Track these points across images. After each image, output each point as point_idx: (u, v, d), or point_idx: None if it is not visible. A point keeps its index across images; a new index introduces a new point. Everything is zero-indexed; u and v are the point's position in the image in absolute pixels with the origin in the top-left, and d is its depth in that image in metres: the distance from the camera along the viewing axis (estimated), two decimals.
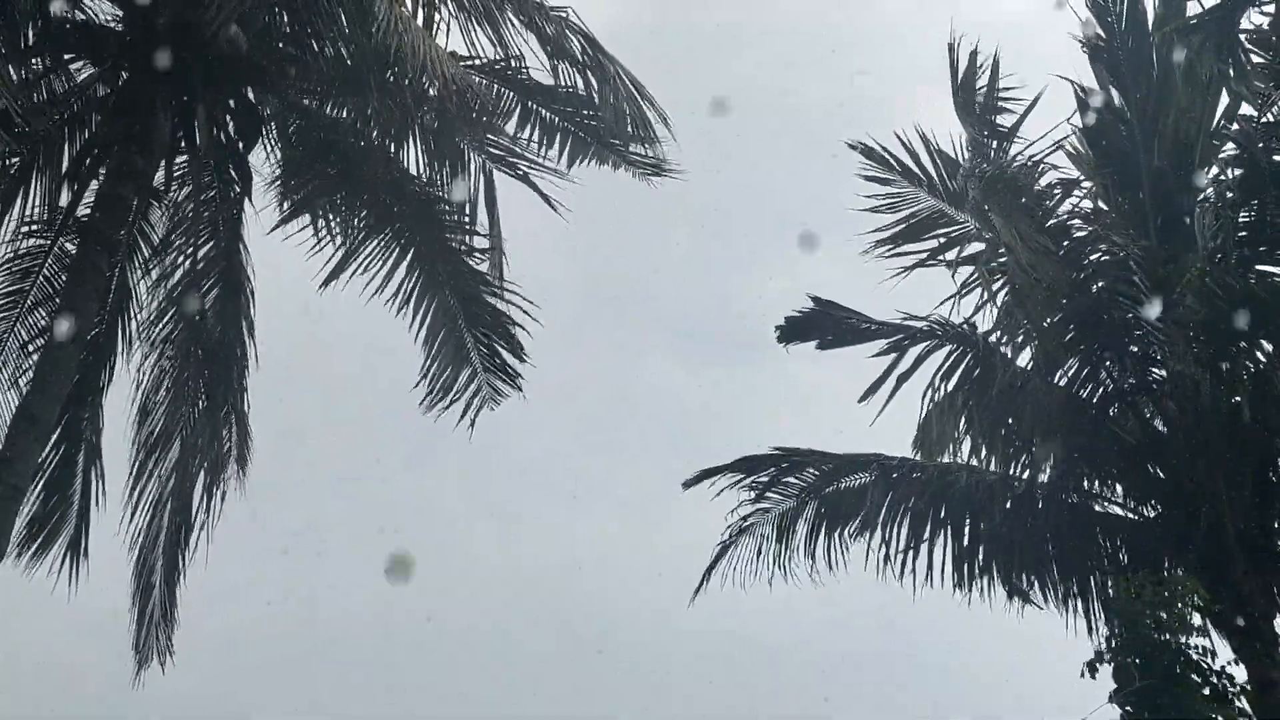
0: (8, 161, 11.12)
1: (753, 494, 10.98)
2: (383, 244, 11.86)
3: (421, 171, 11.92)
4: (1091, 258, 10.34)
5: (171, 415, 11.76)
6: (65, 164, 11.30)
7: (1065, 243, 10.26)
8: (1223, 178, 10.26)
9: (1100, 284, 10.20)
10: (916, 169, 11.56)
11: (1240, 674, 9.00)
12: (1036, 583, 10.54)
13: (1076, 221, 10.73)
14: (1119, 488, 10.76)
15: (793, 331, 10.63)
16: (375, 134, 11.63)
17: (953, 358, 10.21)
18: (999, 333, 10.27)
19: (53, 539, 11.71)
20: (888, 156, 11.58)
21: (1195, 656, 8.08)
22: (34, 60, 10.94)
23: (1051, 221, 10.44)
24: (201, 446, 11.69)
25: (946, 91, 11.13)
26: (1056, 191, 10.74)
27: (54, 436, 11.27)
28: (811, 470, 10.92)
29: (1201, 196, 10.43)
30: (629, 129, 11.21)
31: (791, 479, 10.94)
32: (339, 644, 19.43)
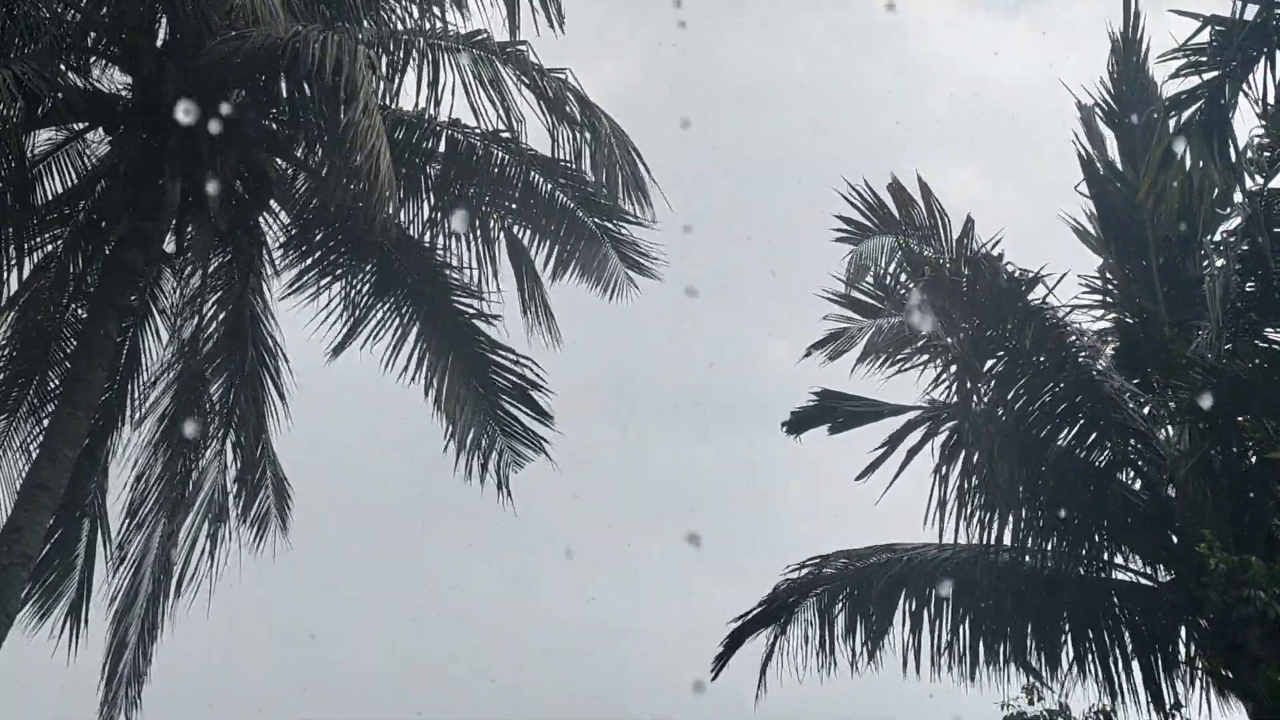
0: (20, 230, 11.21)
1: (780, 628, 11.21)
2: (393, 307, 11.90)
3: (428, 228, 11.90)
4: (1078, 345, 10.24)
5: (166, 475, 11.81)
6: (75, 231, 11.40)
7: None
8: (1228, 245, 10.20)
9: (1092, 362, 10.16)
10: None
11: None
12: (1046, 657, 10.48)
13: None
14: (1134, 555, 10.66)
15: (801, 423, 10.69)
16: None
17: (957, 435, 10.13)
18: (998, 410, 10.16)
19: (54, 603, 11.80)
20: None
21: None
22: (48, 129, 11.12)
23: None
24: (202, 507, 11.73)
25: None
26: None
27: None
28: (835, 568, 11.09)
29: (1207, 265, 10.38)
30: (619, 197, 11.19)
31: (819, 585, 11.10)
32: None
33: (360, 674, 20.34)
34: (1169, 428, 10.10)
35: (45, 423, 11.22)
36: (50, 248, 11.41)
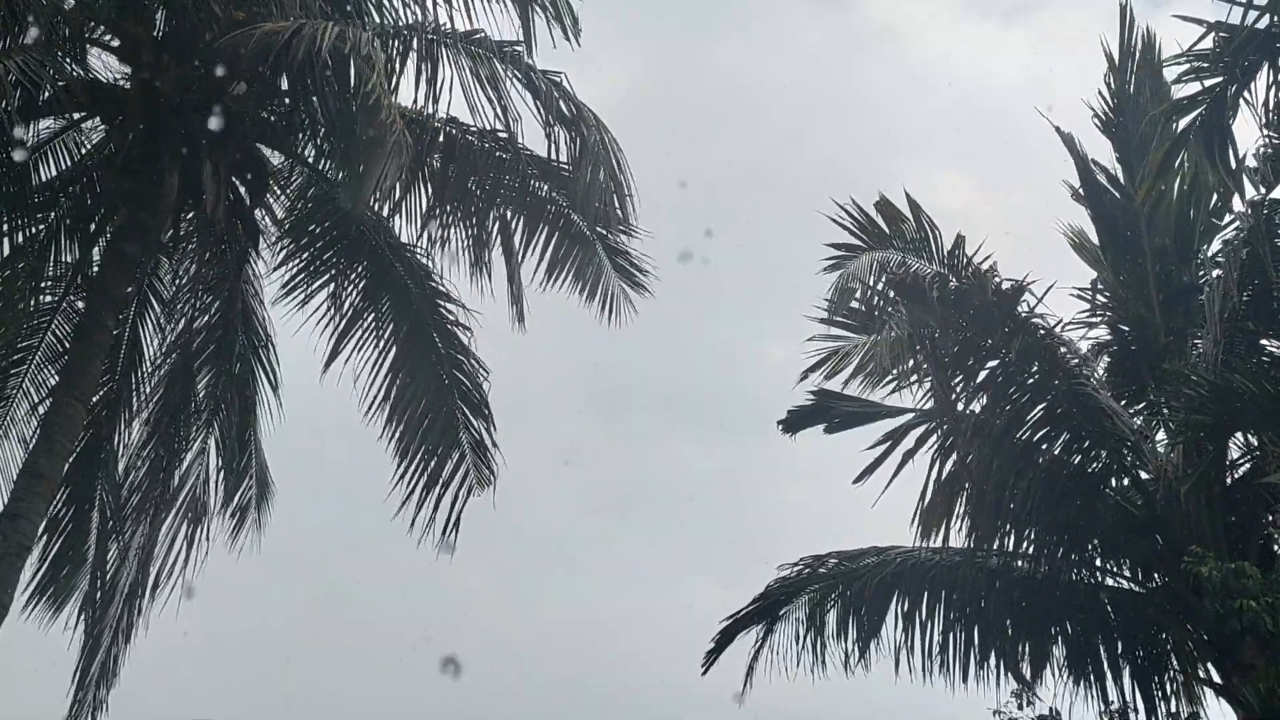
0: (17, 220, 11.19)
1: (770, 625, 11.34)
2: (381, 311, 11.84)
3: (421, 230, 11.82)
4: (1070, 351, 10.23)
5: (151, 470, 11.77)
6: (73, 221, 11.39)
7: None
8: (1224, 257, 10.18)
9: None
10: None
11: None
12: (1037, 661, 10.50)
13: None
14: (1125, 562, 10.67)
15: (797, 422, 10.76)
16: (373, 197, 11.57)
17: (949, 439, 10.14)
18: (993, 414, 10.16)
19: (66, 597, 11.78)
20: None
21: None
22: (46, 118, 11.08)
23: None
24: (184, 504, 11.70)
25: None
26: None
27: (65, 494, 11.44)
28: (827, 568, 11.13)
29: (1204, 275, 10.37)
30: (608, 210, 11.14)
31: (812, 585, 11.15)
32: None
33: (356, 676, 20.37)
34: (1161, 436, 10.10)
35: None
36: (48, 237, 11.34)
